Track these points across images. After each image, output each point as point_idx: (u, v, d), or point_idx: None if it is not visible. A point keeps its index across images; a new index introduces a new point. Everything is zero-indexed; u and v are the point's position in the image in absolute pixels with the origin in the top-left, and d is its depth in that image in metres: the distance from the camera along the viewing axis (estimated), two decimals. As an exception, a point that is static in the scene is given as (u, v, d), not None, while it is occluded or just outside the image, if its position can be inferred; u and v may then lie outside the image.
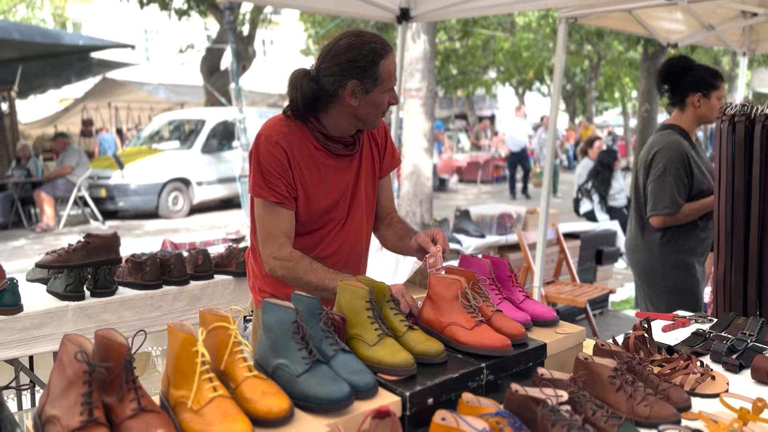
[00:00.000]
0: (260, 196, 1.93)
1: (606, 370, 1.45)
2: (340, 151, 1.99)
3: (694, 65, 3.11)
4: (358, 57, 1.84)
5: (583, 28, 12.67)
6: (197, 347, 1.20)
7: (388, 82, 1.89)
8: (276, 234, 1.92)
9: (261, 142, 1.92)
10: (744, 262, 2.67)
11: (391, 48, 1.92)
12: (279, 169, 1.90)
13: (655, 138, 3.10)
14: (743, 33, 5.33)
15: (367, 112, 1.92)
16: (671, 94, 3.13)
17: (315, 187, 1.96)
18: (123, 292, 2.58)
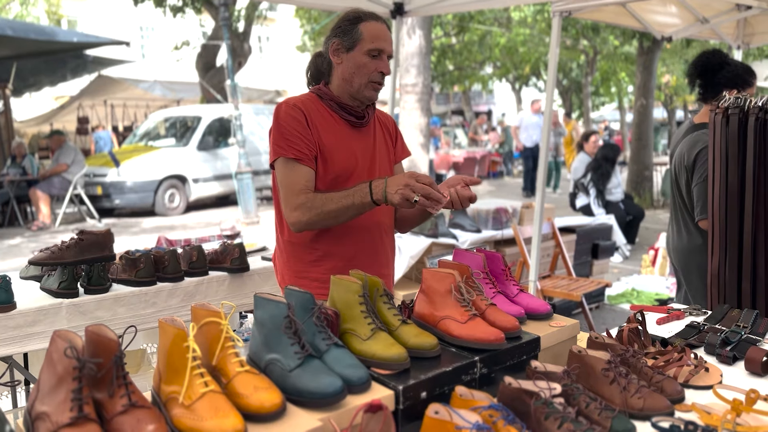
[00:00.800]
0: (279, 154, 1.99)
1: (600, 363, 1.45)
2: (353, 120, 2.09)
3: (730, 61, 3.01)
4: (342, 19, 2.06)
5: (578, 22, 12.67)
6: (188, 342, 1.20)
7: (368, 43, 2.00)
8: (296, 190, 1.97)
9: (280, 109, 2.03)
10: (738, 254, 2.67)
11: (378, 18, 2.05)
12: (299, 128, 1.99)
13: (694, 138, 2.96)
14: (738, 26, 5.33)
15: (351, 73, 2.02)
16: (704, 90, 3.02)
17: (333, 149, 2.03)
18: (117, 289, 2.58)
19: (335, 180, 2.03)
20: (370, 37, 2.01)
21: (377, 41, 2.01)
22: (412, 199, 1.78)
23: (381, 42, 2.02)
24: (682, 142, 3.01)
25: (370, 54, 2.01)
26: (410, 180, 1.80)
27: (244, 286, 2.91)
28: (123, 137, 16.00)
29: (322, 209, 1.93)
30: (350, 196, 1.91)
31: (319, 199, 1.95)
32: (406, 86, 7.44)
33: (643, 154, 11.46)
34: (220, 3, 11.46)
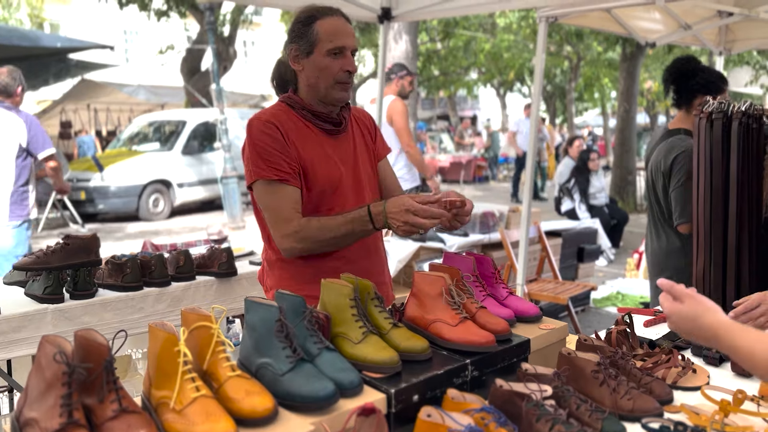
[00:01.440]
0: (260, 176, 1.86)
1: (589, 365, 1.46)
2: (329, 127, 1.96)
3: (703, 67, 3.07)
4: (295, 22, 1.91)
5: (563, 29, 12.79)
6: (179, 347, 1.19)
7: (327, 43, 1.86)
8: (284, 216, 1.86)
9: (252, 126, 1.90)
10: (722, 257, 2.70)
11: (334, 12, 1.91)
12: (276, 146, 1.86)
13: (670, 144, 3.01)
14: (719, 32, 5.41)
15: (315, 78, 1.89)
16: (678, 95, 3.07)
17: (314, 162, 1.91)
18: (103, 294, 2.55)
19: (321, 194, 1.92)
20: (328, 36, 1.86)
21: (336, 38, 1.86)
22: (418, 233, 1.76)
23: (340, 38, 1.87)
24: (658, 147, 3.06)
25: (331, 54, 1.86)
26: (408, 216, 1.71)
27: (232, 290, 2.89)
28: (106, 142, 15.87)
29: (317, 239, 1.85)
30: (349, 223, 1.83)
31: (314, 228, 1.84)
32: (391, 91, 7.46)
33: (626, 159, 11.57)
34: (205, 7, 11.42)
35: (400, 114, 4.81)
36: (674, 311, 1.28)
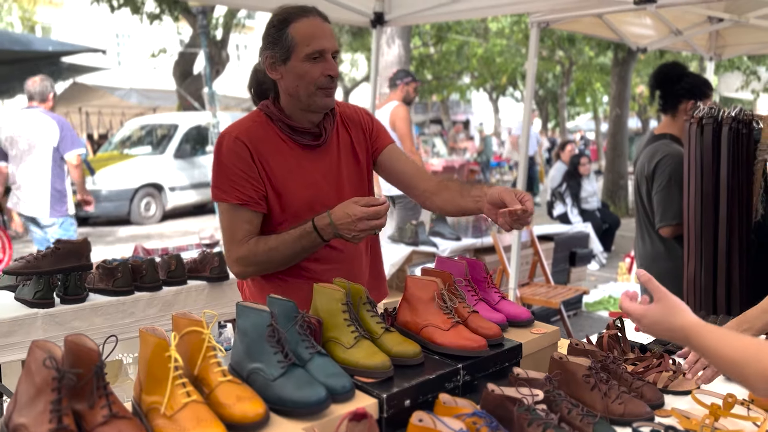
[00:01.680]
0: (221, 199, 1.80)
1: (581, 369, 1.47)
2: (307, 142, 1.85)
3: (688, 73, 3.11)
4: (268, 26, 1.79)
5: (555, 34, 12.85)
6: (170, 352, 1.18)
7: (304, 47, 1.73)
8: (236, 239, 1.80)
9: (222, 142, 1.82)
10: (713, 262, 2.72)
11: (308, 12, 1.78)
12: (242, 167, 1.78)
13: (654, 148, 3.04)
14: (710, 38, 5.44)
15: (295, 86, 1.77)
16: (664, 101, 3.11)
17: (287, 180, 1.82)
18: (94, 299, 2.54)
19: (296, 215, 1.82)
20: (304, 39, 1.73)
21: (314, 41, 1.74)
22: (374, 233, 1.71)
23: (318, 41, 1.74)
24: (643, 152, 3.10)
25: (309, 59, 1.74)
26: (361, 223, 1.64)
27: (224, 295, 2.88)
28: (98, 145, 15.80)
29: (267, 261, 1.79)
30: (297, 241, 1.74)
31: (262, 252, 1.77)
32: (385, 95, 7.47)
33: (618, 163, 11.62)
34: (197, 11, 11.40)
35: (403, 120, 4.87)
36: (643, 315, 1.27)
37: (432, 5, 3.92)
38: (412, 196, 2.03)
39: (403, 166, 2.00)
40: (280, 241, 1.77)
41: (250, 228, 1.81)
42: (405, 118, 4.90)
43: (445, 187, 1.93)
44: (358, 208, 1.65)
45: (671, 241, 2.99)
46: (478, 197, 1.81)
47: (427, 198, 1.96)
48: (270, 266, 1.82)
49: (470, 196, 1.85)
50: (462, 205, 1.88)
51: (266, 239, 1.79)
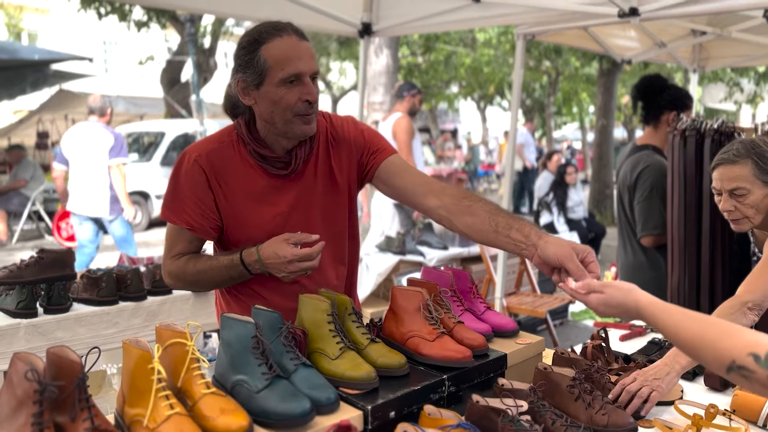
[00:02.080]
0: (169, 220, 1.71)
1: (565, 380, 1.47)
2: (275, 171, 1.71)
3: (670, 85, 3.16)
4: (238, 48, 1.64)
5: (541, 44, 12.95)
6: (153, 364, 1.18)
7: (278, 71, 1.58)
8: (172, 252, 1.74)
9: (182, 160, 1.71)
10: (696, 271, 2.75)
11: (281, 30, 1.61)
12: (196, 191, 1.67)
13: (636, 159, 3.08)
14: (693, 50, 5.52)
15: (270, 113, 1.63)
16: (646, 112, 3.15)
17: (251, 210, 1.71)
18: (78, 309, 2.52)
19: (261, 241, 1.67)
20: (278, 63, 1.58)
21: (289, 64, 1.58)
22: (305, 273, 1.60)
23: (294, 64, 1.58)
24: (625, 162, 3.14)
25: (284, 84, 1.59)
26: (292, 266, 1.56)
27: (209, 305, 2.86)
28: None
29: (195, 283, 1.74)
30: (225, 269, 1.67)
31: (191, 273, 1.70)
32: (373, 104, 7.50)
33: (603, 173, 11.71)
34: (185, 19, 11.40)
35: (404, 132, 5.14)
36: (598, 301, 1.32)
37: (420, 16, 3.94)
38: (422, 212, 1.83)
39: (402, 181, 1.80)
40: (209, 266, 1.69)
41: (190, 247, 1.74)
42: (406, 129, 5.15)
43: (468, 210, 1.68)
44: (288, 250, 1.56)
45: (653, 251, 3.03)
46: (521, 243, 1.55)
47: (443, 218, 1.73)
48: (198, 287, 1.77)
49: (510, 239, 1.58)
50: (495, 242, 1.63)
51: (197, 260, 1.72)
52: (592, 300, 1.33)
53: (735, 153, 1.94)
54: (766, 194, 1.92)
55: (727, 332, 1.12)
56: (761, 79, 10.83)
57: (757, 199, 1.92)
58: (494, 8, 3.66)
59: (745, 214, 1.95)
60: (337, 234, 1.83)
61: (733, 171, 1.94)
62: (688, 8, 3.05)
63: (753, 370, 1.05)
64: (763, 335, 1.10)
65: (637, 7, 3.11)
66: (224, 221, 1.72)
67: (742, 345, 1.08)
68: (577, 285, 1.36)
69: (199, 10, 7.38)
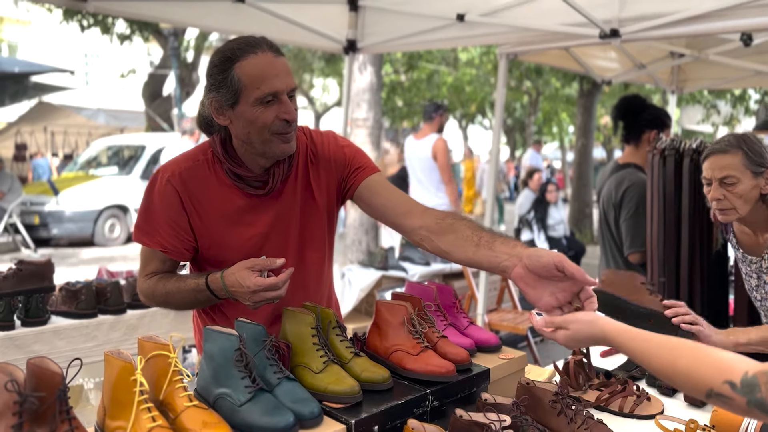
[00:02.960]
0: (141, 241, 1.67)
1: (547, 395, 1.48)
2: (252, 191, 1.66)
3: (648, 104, 3.24)
4: (211, 67, 1.58)
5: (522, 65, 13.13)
6: (135, 376, 1.16)
7: (253, 90, 1.52)
8: (145, 271, 1.71)
9: (155, 180, 1.66)
10: (675, 289, 2.78)
11: (255, 47, 1.54)
12: (170, 212, 1.63)
13: (620, 176, 3.12)
14: (672, 72, 5.63)
15: (246, 133, 1.57)
16: (627, 131, 3.21)
17: (227, 231, 1.66)
18: (56, 322, 2.48)
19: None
20: (253, 81, 1.51)
21: (264, 83, 1.52)
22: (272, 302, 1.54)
23: (270, 82, 1.52)
24: (609, 180, 3.18)
25: (260, 103, 1.53)
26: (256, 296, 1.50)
27: (189, 319, 2.82)
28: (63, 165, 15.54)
29: (165, 303, 1.71)
30: (192, 293, 1.62)
31: (159, 294, 1.67)
32: (357, 120, 7.52)
33: (583, 192, 11.85)
34: (169, 33, 11.40)
35: (443, 153, 5.66)
36: (566, 338, 1.33)
37: (404, 34, 3.98)
38: (402, 234, 1.75)
39: (383, 200, 1.73)
40: (177, 288, 1.64)
41: (163, 267, 1.70)
42: (445, 150, 5.67)
43: (450, 228, 1.60)
44: (251, 279, 1.49)
45: (637, 268, 3.06)
46: (504, 254, 1.46)
47: (424, 238, 1.64)
48: (169, 307, 1.74)
49: (492, 251, 1.49)
50: (475, 257, 1.53)
51: (166, 281, 1.67)
52: (560, 337, 1.33)
53: (727, 143, 2.03)
54: (754, 185, 2.00)
55: (698, 359, 1.10)
56: (737, 101, 11.06)
57: (746, 189, 1.99)
58: (477, 27, 3.71)
59: (734, 204, 2.02)
60: (315, 256, 1.78)
61: (725, 160, 2.02)
62: (668, 30, 3.12)
63: (731, 397, 1.04)
64: (734, 357, 1.08)
65: (618, 29, 3.18)
66: (199, 242, 1.68)
67: (716, 373, 1.06)
68: (541, 322, 1.35)
69: (183, 24, 7.38)
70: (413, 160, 5.95)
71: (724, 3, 2.87)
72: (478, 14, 3.61)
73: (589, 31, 3.27)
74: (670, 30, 3.11)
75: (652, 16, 3.09)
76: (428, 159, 5.69)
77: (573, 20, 3.27)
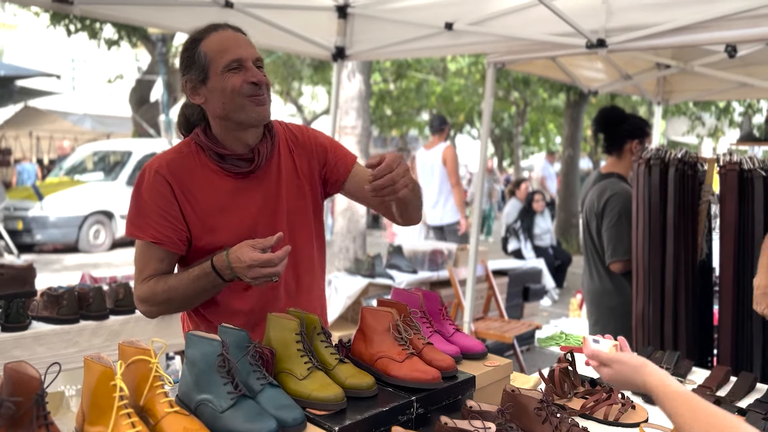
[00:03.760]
0: (134, 236, 1.68)
1: (532, 402, 1.47)
2: (239, 169, 1.72)
3: (628, 115, 3.29)
4: (181, 53, 1.71)
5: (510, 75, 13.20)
6: (115, 381, 1.14)
7: (219, 60, 1.63)
8: (142, 276, 1.69)
9: (144, 174, 1.70)
10: (660, 298, 2.79)
11: (217, 27, 1.68)
12: (160, 203, 1.66)
13: (602, 186, 3.14)
14: (658, 83, 5.68)
15: (221, 105, 1.65)
16: (609, 142, 3.24)
17: (219, 216, 1.70)
18: (37, 327, 2.44)
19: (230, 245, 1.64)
20: (218, 52, 1.64)
21: (227, 52, 1.63)
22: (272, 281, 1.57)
23: (233, 50, 1.64)
24: (591, 190, 3.20)
25: (227, 71, 1.63)
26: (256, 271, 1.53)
27: (172, 325, 2.81)
28: (48, 170, 15.40)
29: (167, 302, 1.68)
30: (196, 281, 1.63)
31: (161, 292, 1.66)
32: (345, 128, 7.52)
33: (570, 202, 11.90)
34: (157, 38, 11.36)
35: (453, 159, 6.23)
36: (608, 376, 1.41)
37: (393, 42, 3.99)
38: (384, 214, 1.89)
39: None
40: (180, 281, 1.66)
41: (161, 267, 1.69)
42: (454, 157, 6.27)
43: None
44: (249, 254, 1.53)
45: (620, 278, 3.07)
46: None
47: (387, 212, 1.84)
48: (172, 307, 1.71)
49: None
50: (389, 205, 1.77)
51: (166, 279, 1.68)
52: (603, 373, 1.41)
53: None
54: None
55: None
56: (722, 113, 11.18)
57: None
58: (465, 36, 3.72)
59: None
60: (304, 236, 1.83)
61: None
62: (654, 41, 3.15)
63: None
64: None
65: (605, 39, 3.20)
66: (192, 231, 1.70)
67: None
68: (589, 353, 1.46)
69: (171, 29, 7.36)
70: (424, 168, 6.40)
71: (709, 15, 2.90)
72: (466, 23, 3.63)
73: (576, 41, 3.30)
74: (655, 41, 3.14)
75: (639, 27, 3.12)
76: (439, 165, 6.23)
77: (560, 30, 3.30)
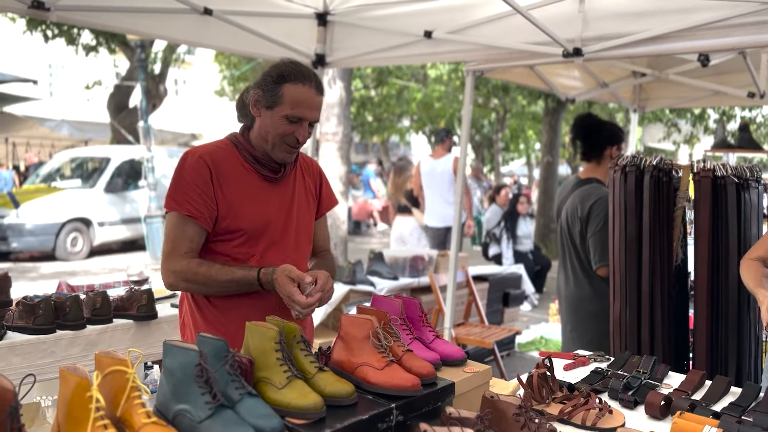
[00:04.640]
0: (172, 208, 1.92)
1: (511, 408, 1.49)
2: (267, 173, 2.01)
3: (604, 122, 3.35)
4: (267, 74, 1.95)
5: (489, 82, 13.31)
6: (91, 392, 1.13)
7: (288, 108, 1.91)
8: (179, 252, 1.92)
9: (186, 158, 1.95)
10: (637, 303, 2.82)
11: (306, 79, 1.93)
12: (199, 183, 1.91)
13: (586, 191, 3.16)
14: (634, 91, 5.77)
15: (266, 132, 1.95)
16: (588, 149, 3.28)
17: (242, 204, 1.96)
18: (12, 337, 2.40)
19: (246, 239, 1.98)
20: (291, 103, 1.91)
21: (298, 108, 1.92)
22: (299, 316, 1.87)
23: (302, 109, 1.93)
24: (574, 194, 3.22)
25: (288, 119, 1.92)
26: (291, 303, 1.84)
27: (151, 334, 2.78)
28: (24, 177, 15.17)
29: (201, 285, 1.93)
30: (235, 282, 1.91)
31: (201, 276, 1.91)
32: (326, 134, 7.52)
33: (549, 207, 12.00)
34: (136, 44, 11.26)
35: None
36: None
37: (373, 50, 4.00)
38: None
39: (320, 238, 2.25)
40: (224, 274, 1.90)
41: (192, 246, 1.93)
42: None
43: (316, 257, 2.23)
44: (287, 288, 1.83)
45: (600, 283, 3.10)
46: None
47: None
48: (202, 289, 1.95)
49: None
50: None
51: (211, 266, 1.91)
52: None
53: None
54: None
55: None
56: (697, 120, 11.37)
57: None
58: (445, 44, 3.75)
59: None
60: (305, 245, 2.15)
61: None
62: (629, 50, 3.20)
63: None
64: None
65: (581, 48, 3.25)
66: (220, 212, 1.94)
67: None
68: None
69: (150, 35, 7.31)
70: (433, 175, 6.76)
71: (682, 25, 2.96)
72: (445, 32, 3.66)
73: (552, 50, 3.34)
74: (630, 50, 3.20)
75: (614, 36, 3.17)
76: (448, 173, 6.62)
77: (538, 39, 3.34)
